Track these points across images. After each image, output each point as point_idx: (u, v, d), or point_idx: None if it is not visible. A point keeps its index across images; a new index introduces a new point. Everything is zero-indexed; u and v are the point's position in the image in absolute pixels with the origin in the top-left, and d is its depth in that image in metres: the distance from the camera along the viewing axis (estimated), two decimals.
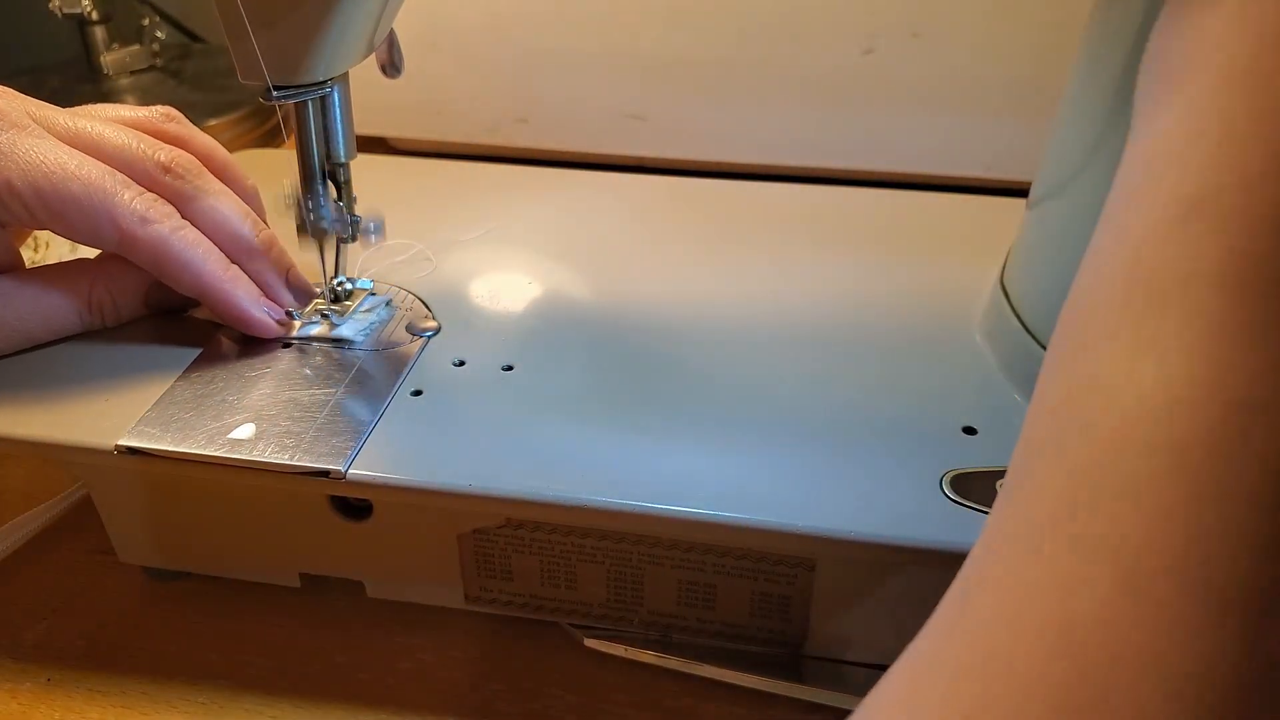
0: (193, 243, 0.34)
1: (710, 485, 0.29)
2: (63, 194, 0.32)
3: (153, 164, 0.35)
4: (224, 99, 0.64)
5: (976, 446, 0.31)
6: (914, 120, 0.55)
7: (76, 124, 0.34)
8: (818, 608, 0.31)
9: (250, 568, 0.35)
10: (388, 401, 0.33)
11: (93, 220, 0.33)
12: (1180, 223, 0.17)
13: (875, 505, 0.29)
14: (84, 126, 0.34)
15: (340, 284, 0.37)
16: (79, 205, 0.33)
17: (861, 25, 0.53)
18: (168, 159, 0.35)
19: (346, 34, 0.32)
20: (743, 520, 0.28)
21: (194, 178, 0.35)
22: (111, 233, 0.33)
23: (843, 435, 0.32)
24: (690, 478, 0.30)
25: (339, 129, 0.35)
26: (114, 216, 0.33)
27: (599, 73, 0.57)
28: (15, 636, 0.35)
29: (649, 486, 0.29)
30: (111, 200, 0.33)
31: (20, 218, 0.33)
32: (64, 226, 0.33)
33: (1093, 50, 0.31)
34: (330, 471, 0.30)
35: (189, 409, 0.32)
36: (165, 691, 0.33)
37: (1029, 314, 0.34)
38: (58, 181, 0.32)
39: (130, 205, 0.33)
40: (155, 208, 0.34)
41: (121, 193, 0.33)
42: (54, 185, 0.32)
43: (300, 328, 0.36)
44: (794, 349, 0.36)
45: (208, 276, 0.34)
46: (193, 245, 0.34)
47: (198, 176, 0.36)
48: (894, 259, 0.41)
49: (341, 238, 0.37)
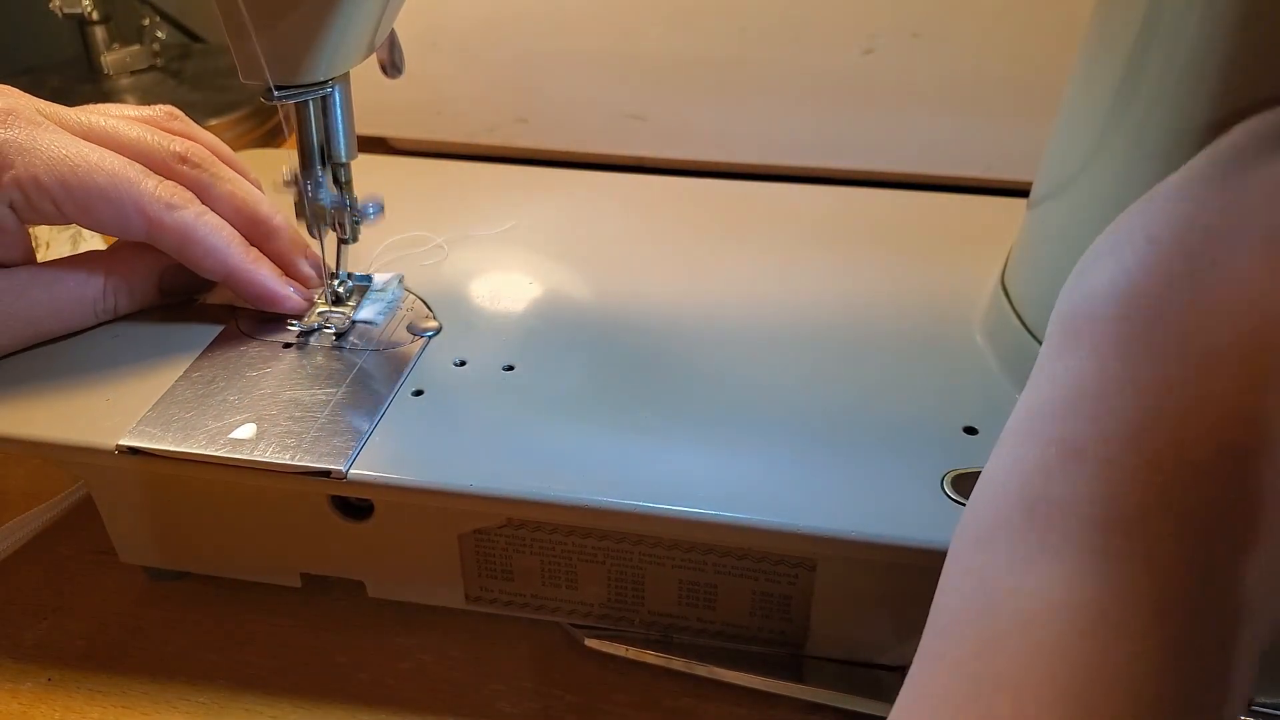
0: (216, 227, 0.35)
1: (711, 485, 0.29)
2: (89, 186, 0.33)
3: (169, 154, 0.35)
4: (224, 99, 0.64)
5: (977, 446, 0.31)
6: (914, 120, 0.55)
7: (89, 119, 0.35)
8: (818, 608, 0.31)
9: (251, 568, 0.35)
10: (389, 401, 0.33)
11: (120, 210, 0.33)
12: (1064, 462, 0.20)
13: (876, 505, 0.29)
14: (97, 121, 0.35)
15: (341, 283, 0.37)
16: (105, 196, 0.33)
17: (861, 25, 0.53)
18: (183, 149, 0.36)
19: (347, 34, 0.32)
20: (743, 520, 0.28)
21: (210, 165, 0.36)
22: (139, 222, 0.34)
23: (843, 435, 0.32)
24: (691, 478, 0.30)
25: (340, 129, 0.35)
26: (141, 205, 0.34)
27: (599, 73, 0.57)
28: (15, 636, 0.35)
29: (650, 486, 0.29)
30: (137, 189, 0.34)
31: (47, 214, 0.33)
32: (91, 219, 0.34)
33: (1093, 51, 0.31)
34: (331, 471, 0.30)
35: (190, 409, 0.32)
36: (166, 691, 0.33)
37: (1029, 314, 0.34)
38: (83, 174, 0.33)
39: (155, 193, 0.34)
40: (179, 194, 0.35)
41: (145, 182, 0.34)
42: (80, 178, 0.33)
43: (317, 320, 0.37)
44: (794, 349, 0.36)
45: (234, 259, 0.35)
46: (217, 230, 0.35)
47: (213, 165, 0.36)
48: (894, 259, 0.41)
49: (342, 239, 0.37)
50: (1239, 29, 0.26)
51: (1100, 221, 0.31)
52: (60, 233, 0.48)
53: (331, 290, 0.37)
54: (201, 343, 0.36)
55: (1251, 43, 0.25)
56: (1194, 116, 0.27)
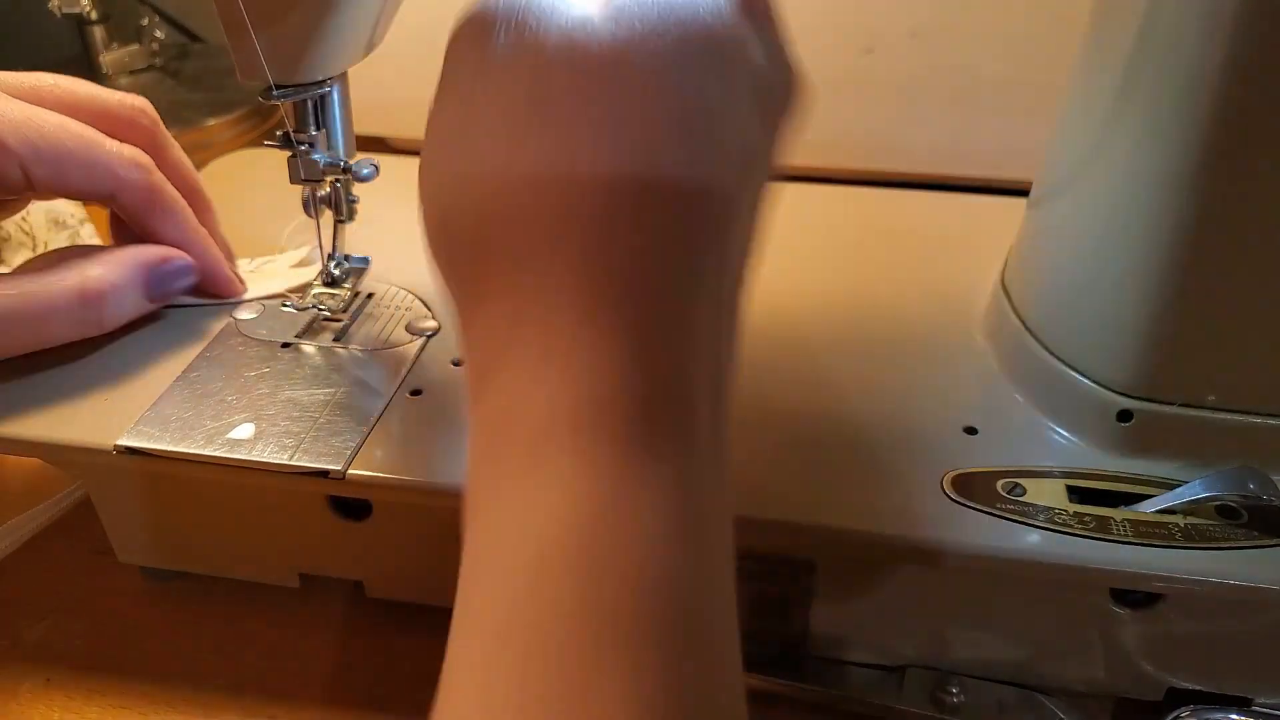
0: (174, 193, 0.35)
1: None
2: (57, 147, 0.32)
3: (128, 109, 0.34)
4: (223, 98, 0.64)
5: (977, 446, 0.31)
6: (914, 120, 0.55)
7: (38, 81, 0.34)
8: (818, 608, 0.31)
9: (249, 568, 0.35)
10: (387, 401, 0.33)
11: (89, 171, 0.32)
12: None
13: (876, 504, 0.29)
14: (46, 82, 0.34)
15: (338, 264, 0.37)
16: (74, 157, 0.32)
17: (861, 25, 0.53)
18: (141, 104, 0.35)
19: (346, 33, 0.32)
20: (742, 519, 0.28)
21: (159, 129, 0.35)
22: (108, 182, 0.33)
23: (843, 434, 0.32)
24: None
25: (338, 128, 0.35)
26: (110, 165, 0.33)
27: None
28: (14, 636, 0.35)
29: None
30: (104, 149, 0.33)
31: (12, 181, 0.32)
32: (60, 182, 0.32)
33: (1092, 51, 0.31)
34: (329, 471, 0.30)
35: (188, 409, 0.32)
36: (164, 691, 0.33)
37: (1029, 314, 0.34)
38: (49, 134, 0.32)
39: (120, 153, 0.33)
40: (140, 156, 0.34)
41: (107, 143, 0.33)
42: (47, 139, 0.32)
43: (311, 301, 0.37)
44: (794, 348, 0.36)
45: (191, 226, 0.35)
46: (175, 195, 0.35)
47: (160, 127, 0.36)
48: (894, 259, 0.41)
49: (339, 219, 0.37)
50: (1238, 29, 0.25)
51: (1100, 221, 0.31)
52: (58, 233, 0.48)
53: (327, 272, 0.37)
54: (200, 343, 0.35)
55: (1251, 43, 0.25)
56: (1193, 116, 0.27)
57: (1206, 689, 0.31)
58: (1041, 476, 0.30)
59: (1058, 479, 0.30)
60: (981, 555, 0.28)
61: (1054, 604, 0.30)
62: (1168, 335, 0.30)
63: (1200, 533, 0.28)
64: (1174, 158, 0.28)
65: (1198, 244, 0.28)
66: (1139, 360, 0.30)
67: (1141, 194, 0.29)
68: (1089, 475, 0.30)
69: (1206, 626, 0.29)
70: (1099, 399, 0.31)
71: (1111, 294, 0.30)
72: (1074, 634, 0.30)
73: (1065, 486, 0.30)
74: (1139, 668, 0.30)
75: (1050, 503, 0.29)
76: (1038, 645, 0.31)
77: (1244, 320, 0.29)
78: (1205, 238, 0.28)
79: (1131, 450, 0.31)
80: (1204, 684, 0.31)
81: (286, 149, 0.35)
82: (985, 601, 0.30)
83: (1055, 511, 0.29)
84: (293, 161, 0.35)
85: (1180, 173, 0.28)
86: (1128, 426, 0.30)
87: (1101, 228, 0.31)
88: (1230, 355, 0.29)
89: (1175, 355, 0.30)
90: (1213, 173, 0.27)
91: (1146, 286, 0.29)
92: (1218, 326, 0.29)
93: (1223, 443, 0.30)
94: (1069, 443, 0.32)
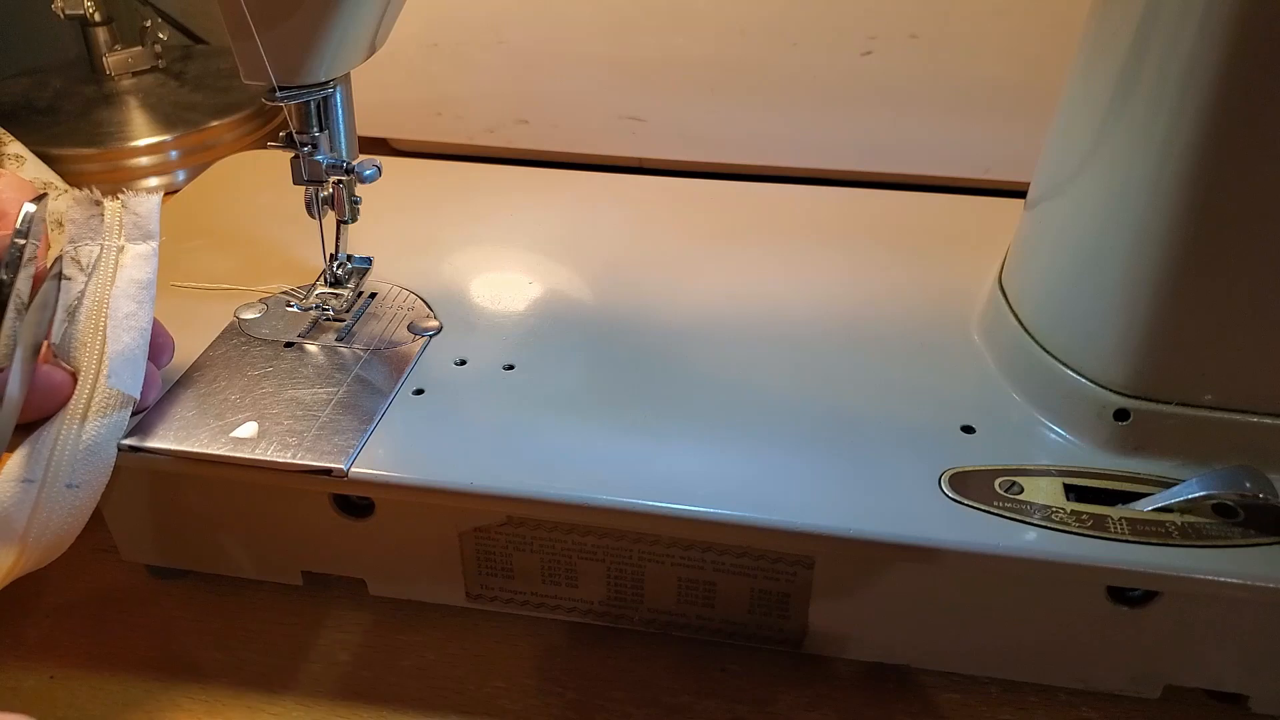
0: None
1: (710, 484, 0.29)
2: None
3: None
4: (226, 100, 0.64)
5: (975, 445, 0.31)
6: (913, 121, 0.55)
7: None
8: (817, 605, 0.31)
9: (252, 566, 0.36)
10: (389, 400, 0.33)
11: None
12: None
13: (874, 504, 0.29)
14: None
15: (340, 265, 0.37)
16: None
17: (861, 26, 0.53)
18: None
19: (349, 35, 0.32)
20: (742, 518, 0.29)
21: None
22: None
23: (841, 434, 0.32)
24: (690, 476, 0.30)
25: (341, 129, 0.35)
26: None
27: (598, 75, 0.57)
28: (18, 635, 0.35)
29: (649, 485, 0.29)
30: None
31: None
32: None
33: (1091, 51, 0.32)
34: (332, 470, 0.30)
35: (191, 408, 0.32)
36: (168, 689, 0.33)
37: (1027, 314, 0.34)
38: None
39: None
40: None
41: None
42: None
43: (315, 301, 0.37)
44: (793, 348, 0.36)
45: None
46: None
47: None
48: (892, 259, 0.42)
49: (341, 219, 0.37)
50: (1234, 32, 0.26)
51: (1097, 221, 0.31)
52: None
53: (330, 272, 0.37)
54: (203, 342, 0.36)
55: (1250, 43, 0.26)
56: (1192, 117, 0.27)
57: (1203, 686, 0.31)
58: (1039, 475, 0.30)
59: (1055, 477, 0.30)
60: (979, 553, 0.28)
61: (1051, 602, 0.30)
62: (1165, 334, 0.30)
63: (1197, 531, 0.28)
64: (1170, 159, 0.28)
65: (1194, 244, 0.28)
66: (1136, 359, 0.30)
67: (1138, 194, 0.29)
68: (1086, 474, 0.30)
69: (1203, 624, 0.29)
70: (1096, 398, 0.31)
71: (1108, 294, 0.31)
72: (1071, 632, 0.30)
73: (1062, 485, 0.30)
74: (1136, 665, 0.31)
75: (1047, 501, 0.29)
76: (1035, 643, 0.31)
77: (1241, 319, 0.29)
78: (1202, 238, 0.28)
79: (1128, 449, 0.31)
80: (1201, 682, 0.31)
81: (290, 150, 0.35)
82: (983, 599, 0.30)
83: (1052, 510, 0.29)
84: (296, 162, 0.35)
85: (1177, 173, 0.28)
86: (1125, 425, 0.31)
87: (1098, 228, 0.31)
88: (1227, 354, 0.30)
89: (1172, 354, 0.30)
90: (1209, 173, 0.27)
91: (1144, 286, 0.30)
92: (1215, 326, 0.29)
93: (1219, 441, 0.30)
94: (1066, 441, 0.32)
